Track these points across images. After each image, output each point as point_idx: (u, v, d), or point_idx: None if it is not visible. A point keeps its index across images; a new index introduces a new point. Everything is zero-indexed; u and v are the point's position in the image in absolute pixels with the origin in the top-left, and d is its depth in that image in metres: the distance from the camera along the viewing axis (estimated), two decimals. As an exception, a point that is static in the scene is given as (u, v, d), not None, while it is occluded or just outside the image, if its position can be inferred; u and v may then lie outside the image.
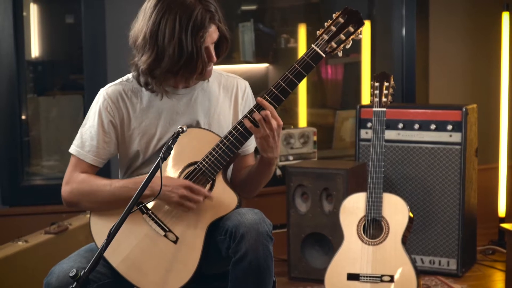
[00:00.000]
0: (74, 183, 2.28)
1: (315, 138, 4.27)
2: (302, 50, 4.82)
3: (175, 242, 2.22)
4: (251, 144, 2.39)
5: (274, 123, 2.18)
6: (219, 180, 2.24)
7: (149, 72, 2.23)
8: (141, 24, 2.23)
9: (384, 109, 3.25)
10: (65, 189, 2.29)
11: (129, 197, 2.11)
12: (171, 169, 2.28)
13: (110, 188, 2.25)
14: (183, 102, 2.33)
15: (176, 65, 2.20)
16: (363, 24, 2.26)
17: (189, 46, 2.17)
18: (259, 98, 2.21)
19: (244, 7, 5.23)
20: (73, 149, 2.32)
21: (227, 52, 2.33)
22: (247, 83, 2.45)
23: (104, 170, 2.37)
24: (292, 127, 4.43)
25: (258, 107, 2.20)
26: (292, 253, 3.80)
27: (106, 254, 2.16)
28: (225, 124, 2.37)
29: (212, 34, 2.22)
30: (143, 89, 2.30)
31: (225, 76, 2.42)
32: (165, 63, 2.20)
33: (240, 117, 2.37)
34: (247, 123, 2.19)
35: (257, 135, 2.19)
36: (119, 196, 2.23)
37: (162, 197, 2.19)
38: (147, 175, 2.09)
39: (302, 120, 4.85)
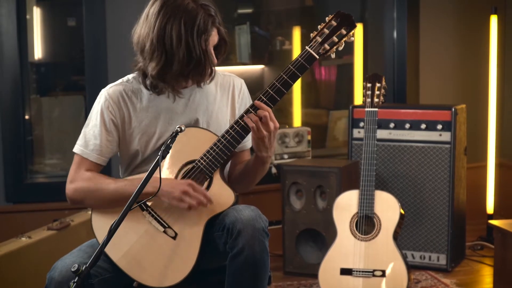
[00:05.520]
0: (80, 181, 2.30)
1: (309, 137, 4.26)
2: (296, 52, 4.80)
3: (174, 238, 2.25)
4: (248, 140, 2.40)
5: (271, 125, 2.21)
6: (217, 178, 2.27)
7: (159, 77, 2.25)
8: (145, 30, 2.24)
9: (376, 109, 3.27)
10: (70, 187, 2.31)
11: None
12: (170, 168, 2.29)
13: (115, 186, 2.26)
14: (181, 102, 2.35)
15: (186, 69, 2.23)
16: (355, 26, 2.29)
17: (197, 50, 2.20)
18: (256, 101, 2.24)
19: (240, 11, 5.20)
20: (77, 149, 2.34)
21: (226, 54, 2.35)
22: (242, 81, 2.47)
23: (105, 168, 2.38)
24: (287, 126, 4.41)
25: (256, 108, 2.23)
26: (287, 248, 3.82)
27: (107, 250, 2.20)
28: (223, 121, 2.39)
29: (214, 37, 2.26)
30: (143, 89, 2.33)
31: (221, 75, 2.44)
32: (176, 67, 2.22)
33: (237, 114, 2.40)
34: (249, 122, 2.21)
35: (255, 135, 2.22)
36: (123, 194, 2.24)
37: (164, 194, 2.20)
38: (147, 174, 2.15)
39: (297, 119, 4.84)
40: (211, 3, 2.27)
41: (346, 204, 3.29)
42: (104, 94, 2.35)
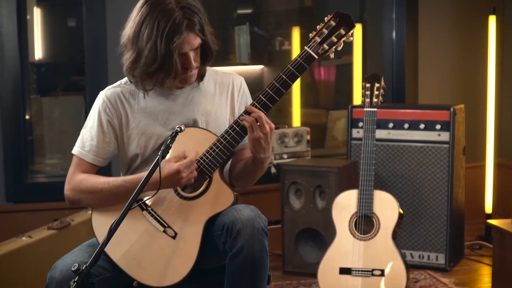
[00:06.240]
0: (75, 182, 2.33)
1: (308, 137, 4.26)
2: (295, 52, 4.80)
3: (173, 237, 2.26)
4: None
5: (266, 126, 2.22)
6: (216, 178, 2.28)
7: (130, 71, 2.27)
8: (129, 24, 2.27)
9: (375, 109, 3.28)
10: (67, 188, 2.34)
11: (128, 195, 2.14)
12: (170, 167, 2.31)
13: (109, 187, 2.29)
14: (179, 102, 2.36)
15: (150, 67, 2.22)
16: (353, 27, 2.30)
17: (162, 50, 2.19)
18: (247, 106, 2.27)
19: (240, 11, 5.22)
20: (75, 150, 2.37)
21: (212, 59, 2.34)
22: (242, 79, 2.47)
23: (105, 171, 2.39)
24: (286, 126, 4.42)
25: (249, 112, 2.25)
26: (287, 248, 3.82)
27: (107, 249, 2.21)
28: (222, 121, 2.40)
29: (191, 41, 2.23)
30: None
31: (220, 74, 2.45)
32: (142, 64, 2.23)
33: (237, 112, 2.41)
34: (245, 124, 2.23)
35: (250, 136, 2.24)
36: (118, 194, 2.28)
37: (166, 187, 2.24)
38: (145, 173, 2.14)
39: (296, 119, 4.85)
40: (198, 7, 2.26)
41: (345, 204, 3.30)
42: (102, 96, 2.37)
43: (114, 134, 2.36)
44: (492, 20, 4.28)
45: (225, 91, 2.43)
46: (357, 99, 4.76)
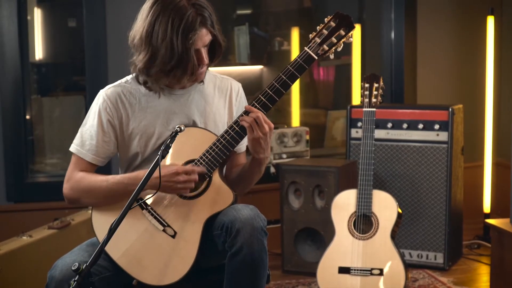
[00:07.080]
0: (73, 180, 2.32)
1: (307, 137, 4.27)
2: (295, 52, 4.81)
3: (173, 236, 2.26)
4: (243, 143, 2.41)
5: (266, 126, 2.23)
6: (216, 177, 2.28)
7: (145, 71, 2.27)
8: (139, 24, 2.27)
9: (374, 109, 3.29)
10: (66, 187, 2.34)
11: (126, 192, 2.18)
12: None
13: (107, 184, 2.28)
14: (179, 102, 2.36)
15: (167, 65, 2.23)
16: (353, 27, 2.30)
17: (179, 47, 2.20)
18: (247, 106, 2.27)
19: (239, 12, 5.23)
20: (73, 148, 2.36)
21: (220, 56, 2.36)
22: (240, 85, 2.49)
23: (105, 170, 2.39)
24: (286, 126, 4.43)
25: (248, 112, 2.25)
26: (286, 247, 3.83)
27: (107, 248, 2.20)
28: (220, 123, 2.41)
29: (204, 37, 2.25)
30: (141, 90, 2.34)
31: (219, 78, 2.46)
32: (158, 62, 2.23)
33: (234, 117, 2.41)
34: (245, 124, 2.24)
35: (250, 136, 2.25)
36: (116, 191, 2.27)
37: (162, 189, 2.22)
38: (144, 171, 2.16)
39: (295, 119, 4.86)
40: (207, 4, 2.28)
41: (344, 203, 3.31)
42: (102, 95, 2.37)
43: (114, 133, 2.36)
44: (490, 21, 4.30)
45: (223, 95, 2.44)
46: (356, 99, 4.76)
